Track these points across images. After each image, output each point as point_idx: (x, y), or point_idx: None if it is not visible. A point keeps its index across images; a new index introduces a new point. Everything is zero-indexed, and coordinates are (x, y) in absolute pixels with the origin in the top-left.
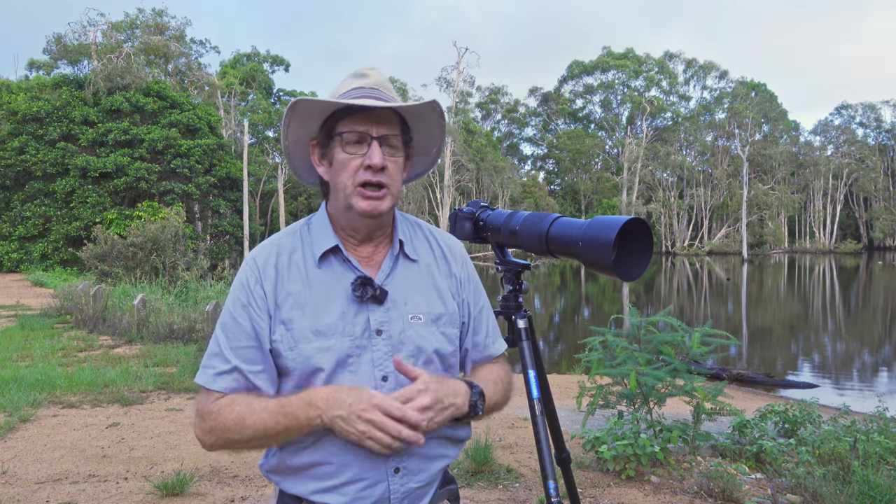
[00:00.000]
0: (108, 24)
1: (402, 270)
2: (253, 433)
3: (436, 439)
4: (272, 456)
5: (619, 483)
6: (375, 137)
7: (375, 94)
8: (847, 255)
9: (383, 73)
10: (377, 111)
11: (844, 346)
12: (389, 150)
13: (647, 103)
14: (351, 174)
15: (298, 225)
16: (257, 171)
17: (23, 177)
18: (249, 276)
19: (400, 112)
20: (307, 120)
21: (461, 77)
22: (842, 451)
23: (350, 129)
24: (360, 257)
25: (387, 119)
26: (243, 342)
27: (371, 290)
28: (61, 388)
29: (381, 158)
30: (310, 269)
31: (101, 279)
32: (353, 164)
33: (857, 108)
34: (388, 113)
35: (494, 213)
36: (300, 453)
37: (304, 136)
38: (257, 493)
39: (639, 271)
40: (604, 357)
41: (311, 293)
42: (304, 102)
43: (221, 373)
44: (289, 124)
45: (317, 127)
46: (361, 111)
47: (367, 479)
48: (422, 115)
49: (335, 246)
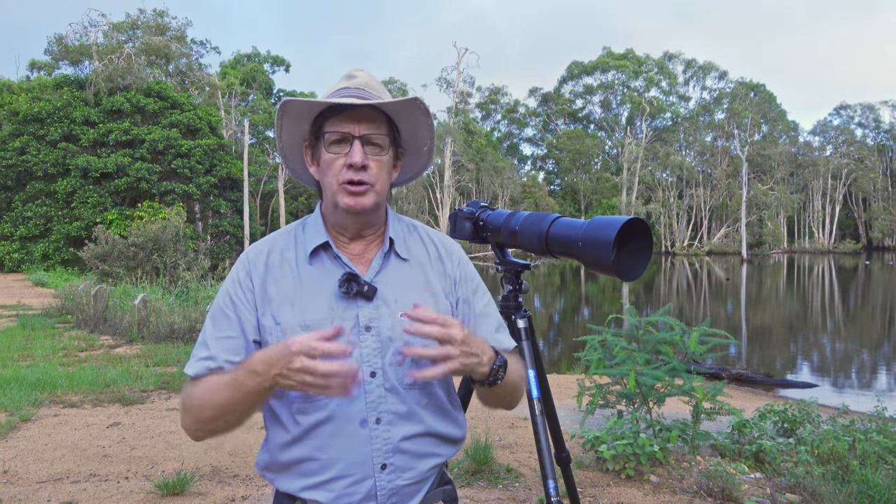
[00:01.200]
0: (109, 24)
1: (392, 268)
2: (213, 408)
3: (424, 437)
4: (264, 451)
5: (619, 482)
6: (357, 137)
7: (359, 94)
8: (846, 255)
9: (373, 74)
10: (359, 111)
11: (843, 345)
12: (373, 148)
13: (647, 104)
14: (335, 173)
15: (294, 224)
16: (258, 172)
17: (24, 177)
18: (240, 270)
19: (385, 110)
20: (298, 121)
21: (461, 77)
22: (841, 450)
23: (333, 130)
24: (350, 255)
25: (369, 118)
26: (227, 332)
27: (357, 286)
28: (62, 387)
29: (361, 157)
30: (301, 265)
31: (101, 279)
32: (338, 163)
33: (856, 108)
34: (371, 112)
35: (494, 214)
36: (289, 448)
37: (298, 137)
38: (258, 492)
39: (638, 271)
40: (603, 357)
41: (301, 289)
42: (292, 103)
43: (202, 359)
44: (281, 126)
45: (307, 128)
46: (345, 111)
47: (354, 476)
48: (407, 113)
49: (325, 242)
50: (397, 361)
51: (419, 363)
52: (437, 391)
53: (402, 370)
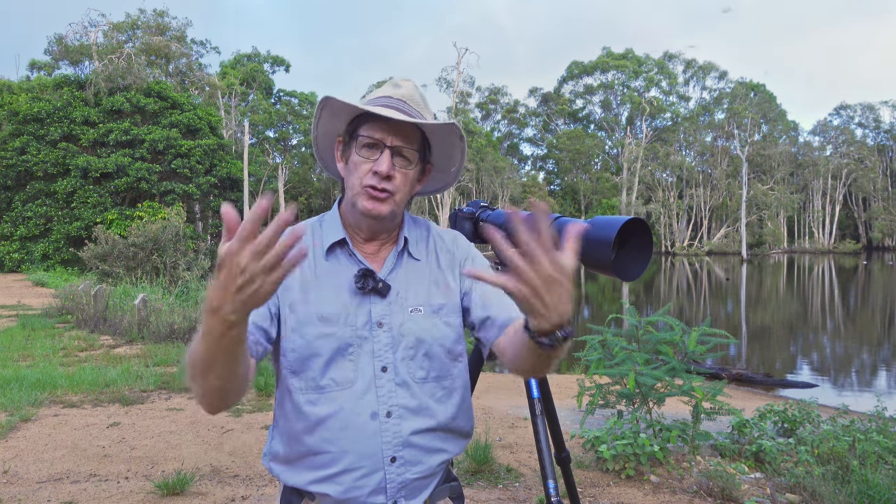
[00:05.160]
0: (109, 24)
1: (405, 267)
2: (199, 362)
3: (434, 431)
4: (273, 444)
5: (619, 482)
6: (389, 147)
7: (400, 106)
8: (846, 254)
9: (418, 86)
10: (395, 122)
11: (843, 345)
12: (401, 160)
13: (647, 104)
14: (360, 176)
15: (313, 220)
16: (258, 172)
17: (24, 177)
18: None
19: (421, 127)
20: (335, 117)
21: (461, 77)
22: (840, 450)
23: (367, 135)
24: (365, 253)
25: (404, 131)
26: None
27: (372, 282)
28: (62, 387)
29: (388, 167)
30: (318, 260)
31: (101, 279)
32: (365, 167)
33: (856, 108)
34: (407, 125)
35: (494, 213)
36: (298, 441)
37: (333, 131)
38: (258, 492)
39: (638, 271)
40: (603, 357)
41: (317, 282)
42: (333, 101)
43: None
44: (319, 117)
45: (343, 125)
46: (384, 119)
47: (363, 469)
48: (442, 135)
49: (342, 239)
50: (409, 356)
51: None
52: (450, 386)
53: (413, 365)
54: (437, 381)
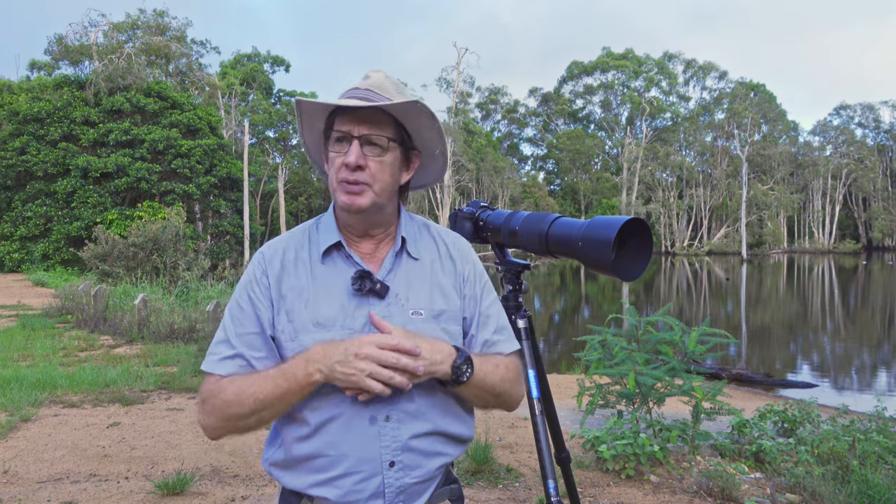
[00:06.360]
0: (109, 24)
1: (404, 267)
2: (254, 402)
3: (433, 436)
4: (278, 448)
5: (619, 482)
6: (356, 137)
7: (366, 95)
8: (846, 254)
9: (390, 76)
10: (362, 111)
11: (843, 345)
12: (372, 148)
13: (647, 104)
14: (335, 171)
15: (309, 223)
16: (258, 172)
17: (24, 177)
18: (256, 268)
19: (391, 112)
20: (314, 118)
21: (461, 77)
22: (840, 450)
23: (336, 129)
24: (362, 254)
25: (371, 119)
26: (248, 329)
27: (370, 283)
28: (62, 387)
29: (356, 157)
30: (314, 264)
31: (102, 279)
32: (338, 161)
33: (856, 108)
34: (375, 113)
35: (494, 213)
36: (299, 444)
37: (317, 135)
38: (258, 492)
39: (638, 271)
40: (603, 357)
41: (314, 287)
42: (304, 103)
43: (225, 358)
44: (302, 123)
45: (322, 127)
46: (350, 112)
47: (362, 473)
48: (411, 115)
49: (338, 242)
50: None
51: None
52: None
53: None
54: (434, 387)
